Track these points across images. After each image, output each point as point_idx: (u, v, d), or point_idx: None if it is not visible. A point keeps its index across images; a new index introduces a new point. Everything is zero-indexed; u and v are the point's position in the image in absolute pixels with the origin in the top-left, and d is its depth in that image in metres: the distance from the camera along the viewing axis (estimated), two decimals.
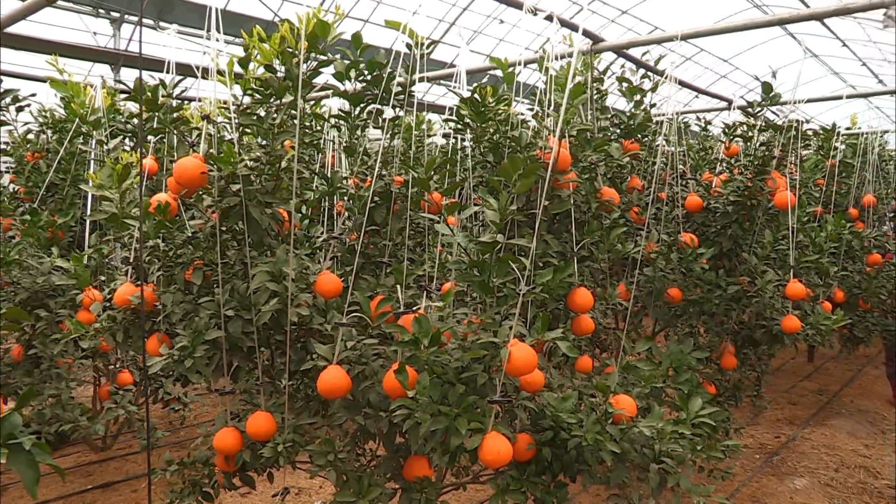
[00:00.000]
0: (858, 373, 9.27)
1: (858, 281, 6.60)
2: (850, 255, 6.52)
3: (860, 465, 5.94)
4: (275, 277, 2.73)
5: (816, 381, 8.88)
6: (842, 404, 7.80)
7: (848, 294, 6.41)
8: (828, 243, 4.97)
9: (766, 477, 5.61)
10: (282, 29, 2.81)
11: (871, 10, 3.68)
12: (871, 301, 6.75)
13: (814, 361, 9.81)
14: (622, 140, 4.37)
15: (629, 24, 14.56)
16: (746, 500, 5.19)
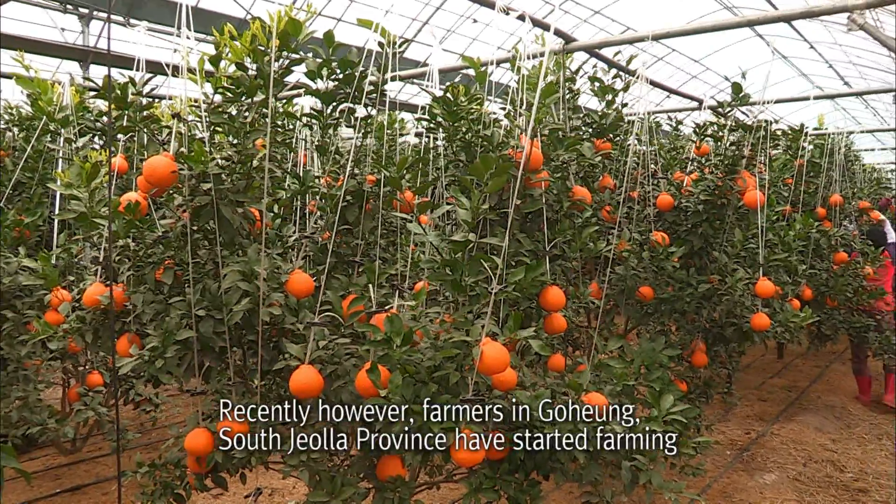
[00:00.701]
0: (826, 369, 9.41)
1: (826, 279, 6.70)
2: (818, 254, 6.62)
3: (827, 460, 6.03)
4: (246, 277, 2.71)
5: (785, 377, 9.00)
6: (810, 400, 7.91)
7: (816, 292, 6.51)
8: (796, 242, 5.05)
9: (737, 473, 5.67)
10: (253, 27, 2.79)
11: (836, 14, 3.74)
12: (838, 298, 6.86)
13: (783, 358, 9.94)
14: (594, 139, 4.39)
15: (602, 24, 14.64)
16: (717, 495, 5.25)
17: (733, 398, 5.39)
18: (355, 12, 11.97)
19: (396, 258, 3.19)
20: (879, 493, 5.39)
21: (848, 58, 16.16)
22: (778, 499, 5.23)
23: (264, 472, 3.99)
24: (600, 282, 3.92)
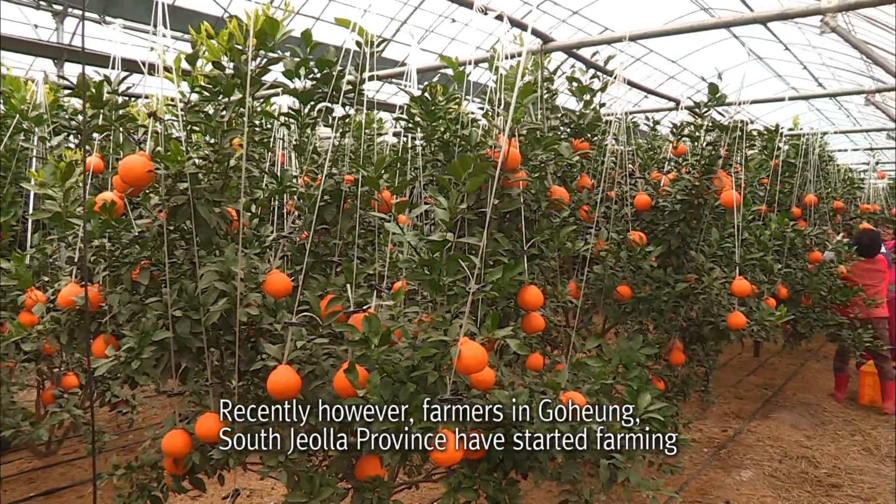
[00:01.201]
0: (801, 367, 9.52)
1: (801, 278, 6.78)
2: (794, 253, 6.70)
3: (802, 456, 6.10)
4: (223, 277, 2.69)
5: (762, 375, 9.10)
6: (785, 397, 8.00)
7: (791, 290, 6.59)
8: (772, 241, 5.09)
9: (714, 470, 5.72)
10: (230, 25, 2.77)
11: (809, 16, 3.79)
12: (813, 297, 6.94)
13: (759, 356, 10.05)
14: (572, 139, 4.41)
15: (580, 24, 14.68)
16: (695, 493, 5.29)
17: (710, 396, 5.44)
18: (334, 11, 11.93)
19: (374, 258, 3.19)
20: (852, 488, 5.47)
21: (822, 59, 16.35)
22: (754, 495, 5.29)
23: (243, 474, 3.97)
24: (578, 281, 3.94)
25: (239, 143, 2.83)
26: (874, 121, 19.14)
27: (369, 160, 3.07)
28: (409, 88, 3.41)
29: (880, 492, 5.41)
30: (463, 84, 3.33)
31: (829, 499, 5.27)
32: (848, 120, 21.10)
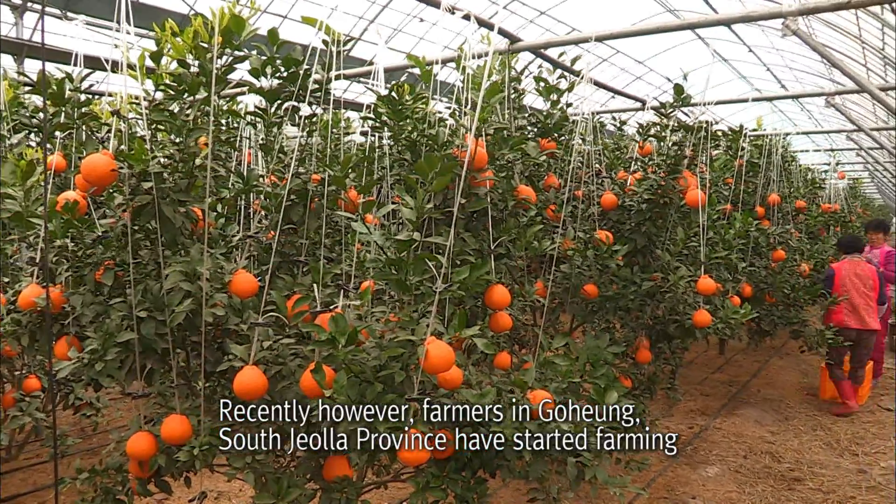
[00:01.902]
0: (765, 364, 9.67)
1: (765, 276, 6.89)
2: (757, 252, 6.80)
3: (766, 451, 6.20)
4: (189, 277, 2.67)
5: (727, 372, 9.22)
6: (750, 394, 8.12)
7: (755, 289, 6.69)
8: (736, 240, 5.17)
9: (681, 466, 5.79)
10: (195, 23, 2.75)
11: (771, 19, 3.86)
12: (776, 295, 7.06)
13: (724, 354, 10.18)
14: (539, 139, 4.43)
15: (548, 24, 14.75)
16: (661, 489, 5.35)
17: (677, 394, 5.50)
18: (301, 10, 11.86)
19: (342, 257, 3.18)
20: (813, 481, 5.57)
21: (784, 62, 16.61)
22: (719, 490, 5.36)
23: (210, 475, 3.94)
24: (545, 280, 3.96)
25: (205, 142, 2.81)
26: (834, 122, 19.51)
27: (336, 159, 3.06)
28: (377, 87, 3.40)
29: (839, 484, 5.53)
30: (430, 83, 3.33)
31: (791, 492, 5.36)
32: (810, 121, 21.47)
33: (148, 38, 8.45)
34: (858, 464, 6.00)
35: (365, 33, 13.00)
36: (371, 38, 13.22)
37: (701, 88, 5.09)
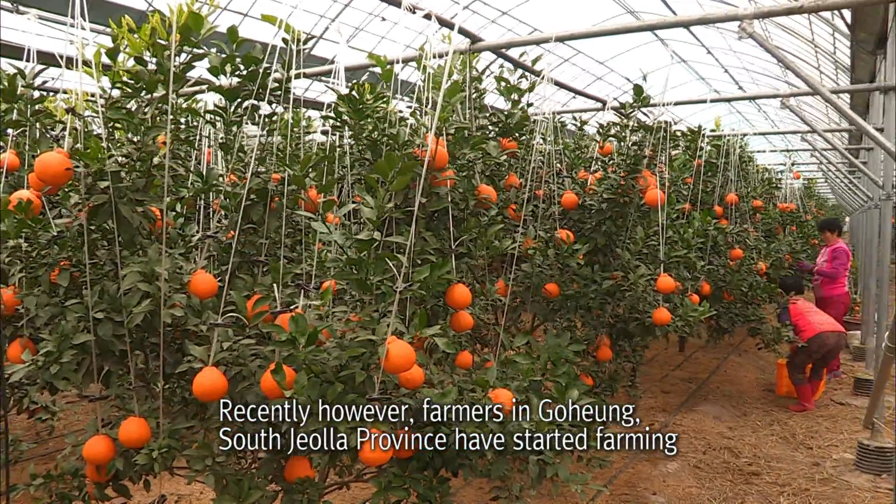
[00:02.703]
0: (724, 361, 9.83)
1: (723, 274, 7.00)
2: (716, 250, 6.91)
3: (724, 447, 6.31)
4: (147, 278, 2.63)
5: (687, 369, 9.36)
6: (709, 391, 8.25)
7: (714, 287, 6.79)
8: (695, 239, 5.25)
9: (641, 463, 5.86)
10: (152, 20, 2.71)
11: (728, 21, 3.92)
12: (734, 293, 7.18)
13: (684, 351, 10.33)
14: (500, 138, 4.45)
15: (509, 24, 14.79)
16: (623, 485, 5.41)
17: (637, 391, 5.57)
18: (262, 8, 11.74)
19: (302, 257, 3.16)
20: (770, 475, 5.69)
21: (742, 64, 16.88)
22: (679, 486, 5.44)
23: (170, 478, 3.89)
24: (507, 279, 3.98)
25: (163, 141, 2.77)
26: (790, 123, 19.87)
27: (297, 159, 3.04)
28: (337, 86, 3.39)
29: (795, 477, 5.65)
30: (391, 83, 3.33)
31: (749, 486, 5.47)
32: (766, 122, 21.86)
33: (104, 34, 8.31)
34: (813, 457, 6.14)
35: (326, 32, 12.92)
36: (333, 37, 13.14)
37: (660, 89, 5.15)
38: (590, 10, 14.42)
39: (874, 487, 5.46)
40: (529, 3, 14.09)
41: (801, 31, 12.54)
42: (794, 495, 5.32)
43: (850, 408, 7.63)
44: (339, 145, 3.64)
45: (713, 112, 15.49)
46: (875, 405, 5.64)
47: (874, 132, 4.39)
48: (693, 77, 18.74)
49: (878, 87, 7.24)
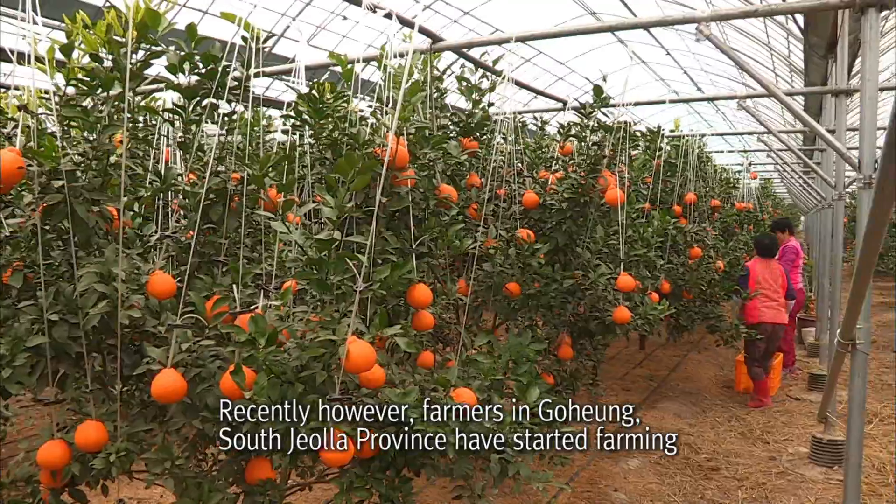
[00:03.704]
0: (684, 358, 9.97)
1: (682, 273, 7.10)
2: (675, 249, 7.00)
3: (684, 443, 6.40)
4: (104, 278, 2.59)
5: (647, 367, 9.47)
6: (669, 388, 8.36)
7: (673, 285, 6.88)
8: (655, 238, 5.31)
9: (603, 460, 5.91)
10: (108, 16, 2.67)
11: (686, 24, 3.98)
12: (693, 291, 7.29)
13: (645, 349, 10.45)
14: (461, 138, 4.46)
15: (471, 24, 14.84)
16: (585, 483, 5.46)
17: (599, 389, 5.61)
18: (222, 5, 11.62)
19: (263, 257, 3.14)
20: (728, 470, 5.79)
21: (700, 65, 17.16)
22: (640, 482, 5.51)
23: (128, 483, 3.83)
24: (468, 279, 3.99)
25: (120, 140, 2.73)
26: (747, 124, 20.25)
27: (257, 158, 3.02)
28: (298, 86, 3.37)
29: (752, 471, 5.76)
30: (351, 82, 3.32)
31: (708, 481, 5.55)
32: (724, 123, 22.22)
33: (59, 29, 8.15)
34: (769, 451, 6.26)
35: (287, 30, 12.83)
36: (294, 36, 13.06)
37: (620, 90, 5.22)
38: (552, 11, 14.54)
39: (827, 479, 5.59)
40: (491, 3, 14.16)
41: (758, 34, 12.79)
42: (752, 489, 5.42)
43: (805, 403, 7.79)
44: (299, 145, 3.62)
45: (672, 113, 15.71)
46: (828, 400, 5.77)
47: (826, 134, 4.49)
48: (653, 78, 18.99)
49: (829, 91, 7.41)
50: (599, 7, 13.85)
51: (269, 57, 9.53)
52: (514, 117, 4.78)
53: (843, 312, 3.71)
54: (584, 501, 5.15)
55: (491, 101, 4.69)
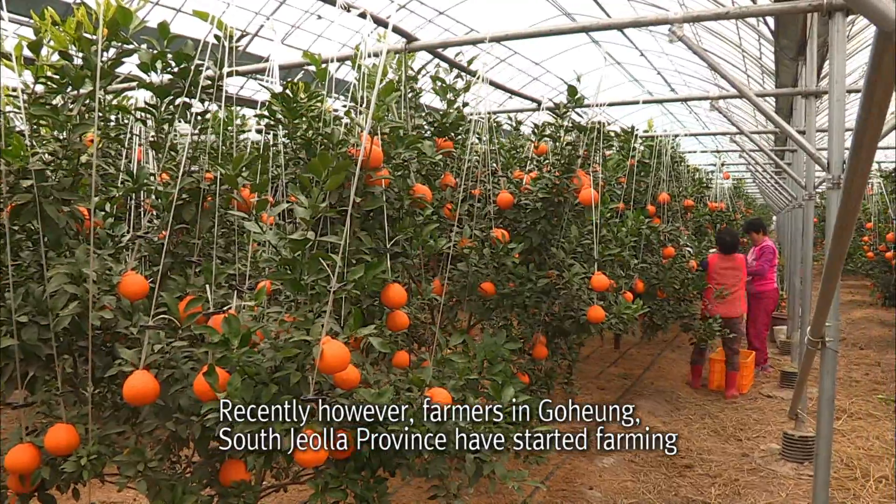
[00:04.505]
0: (658, 357, 10.05)
1: (656, 272, 7.15)
2: (649, 249, 7.05)
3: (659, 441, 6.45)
4: (74, 279, 2.56)
5: (622, 366, 9.53)
6: (644, 386, 8.42)
7: (647, 284, 6.93)
8: (628, 238, 5.34)
9: (578, 458, 5.95)
10: (78, 13, 2.64)
11: (659, 25, 4.02)
12: (667, 290, 7.35)
13: (619, 348, 10.51)
14: (436, 138, 4.46)
15: (446, 24, 14.84)
16: (560, 481, 5.49)
17: (574, 388, 5.64)
18: (195, 3, 11.51)
19: (236, 258, 3.12)
20: (702, 467, 5.85)
21: (674, 66, 17.30)
22: (615, 480, 5.54)
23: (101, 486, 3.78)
24: (443, 278, 4.00)
25: (91, 139, 2.70)
26: (720, 125, 20.45)
27: (230, 158, 3.00)
28: (272, 85, 3.35)
29: (725, 468, 5.82)
30: (326, 81, 3.31)
31: (682, 479, 5.60)
32: (697, 123, 22.43)
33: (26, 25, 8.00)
34: (742, 448, 6.33)
35: (262, 29, 12.75)
36: (268, 35, 12.97)
37: (594, 90, 5.24)
38: (527, 12, 14.58)
39: (798, 475, 5.67)
40: (467, 3, 14.16)
41: (730, 36, 12.93)
42: (725, 485, 5.48)
43: (777, 400, 7.90)
44: (273, 144, 3.61)
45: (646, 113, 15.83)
46: (799, 397, 5.85)
47: (796, 135, 4.55)
48: (626, 79, 19.11)
49: (799, 92, 7.52)
50: (574, 8, 13.91)
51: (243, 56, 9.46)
52: (488, 117, 4.79)
53: (813, 311, 3.77)
54: (559, 500, 5.17)
55: (466, 101, 4.69)
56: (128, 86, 4.25)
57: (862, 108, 1.72)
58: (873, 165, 8.40)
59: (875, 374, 9.12)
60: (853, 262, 13.29)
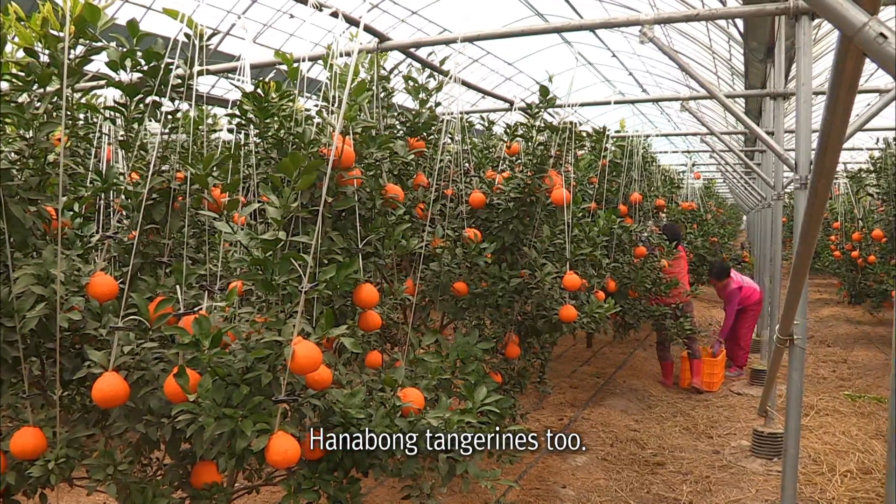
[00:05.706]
0: (630, 355, 10.13)
1: (628, 272, 7.21)
2: (621, 248, 7.10)
3: (631, 439, 6.51)
4: (41, 280, 2.52)
5: (594, 364, 9.59)
6: (616, 385, 8.48)
7: (619, 284, 6.99)
8: (600, 237, 5.37)
9: (551, 457, 5.98)
10: (44, 10, 2.60)
11: (630, 26, 4.05)
12: (639, 290, 7.42)
13: (592, 347, 10.59)
14: (408, 138, 4.46)
15: (419, 24, 14.85)
16: (534, 480, 5.51)
17: (546, 387, 5.67)
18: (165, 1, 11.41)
19: (207, 258, 3.09)
20: (674, 465, 5.90)
21: (645, 67, 17.46)
22: (588, 478, 5.58)
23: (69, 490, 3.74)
24: (415, 278, 4.00)
25: (58, 138, 2.67)
26: (691, 126, 20.64)
27: (201, 157, 2.98)
28: (243, 84, 3.33)
29: (697, 465, 5.89)
30: (297, 80, 3.29)
31: (654, 476, 5.66)
32: (669, 124, 22.65)
33: None
34: (713, 445, 6.40)
35: (233, 28, 12.67)
36: (239, 34, 12.89)
37: (566, 90, 5.27)
38: (499, 12, 14.64)
39: (767, 471, 5.74)
40: (439, 3, 14.18)
41: (701, 38, 13.07)
42: (696, 482, 5.54)
43: (747, 397, 8.00)
44: (244, 144, 3.58)
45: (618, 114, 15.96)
46: (768, 394, 5.93)
47: (765, 135, 4.61)
48: (598, 79, 19.25)
49: (768, 94, 7.61)
50: (546, 9, 14.00)
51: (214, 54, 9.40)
52: (461, 117, 4.80)
53: (782, 309, 3.82)
54: (532, 498, 5.20)
55: (438, 100, 4.70)
56: (96, 84, 4.19)
57: (827, 110, 1.75)
58: (839, 166, 8.53)
59: (842, 370, 9.28)
60: (821, 262, 13.51)
